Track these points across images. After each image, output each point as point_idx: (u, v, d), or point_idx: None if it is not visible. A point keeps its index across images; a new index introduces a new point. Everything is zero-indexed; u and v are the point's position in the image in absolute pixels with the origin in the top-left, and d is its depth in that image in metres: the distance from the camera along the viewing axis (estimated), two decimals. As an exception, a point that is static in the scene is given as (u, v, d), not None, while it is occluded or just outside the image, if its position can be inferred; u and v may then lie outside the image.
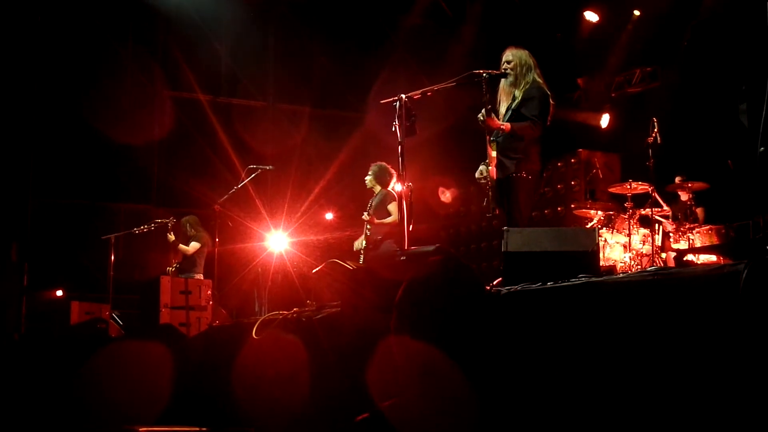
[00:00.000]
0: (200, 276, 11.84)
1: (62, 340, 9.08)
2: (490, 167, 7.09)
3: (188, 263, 12.11)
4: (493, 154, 7.09)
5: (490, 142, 7.12)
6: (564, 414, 4.18)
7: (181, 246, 12.04)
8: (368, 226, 9.98)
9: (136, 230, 12.02)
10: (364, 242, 10.00)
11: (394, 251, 5.48)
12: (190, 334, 9.73)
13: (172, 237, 11.90)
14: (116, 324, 11.18)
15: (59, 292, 14.14)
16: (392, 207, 10.02)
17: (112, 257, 11.82)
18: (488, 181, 7.14)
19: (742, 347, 3.52)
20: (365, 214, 10.06)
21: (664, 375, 3.79)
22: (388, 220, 10.02)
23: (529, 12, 13.89)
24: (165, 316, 10.39)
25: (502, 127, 7.13)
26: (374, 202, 10.24)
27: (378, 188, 10.33)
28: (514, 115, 7.26)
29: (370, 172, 10.43)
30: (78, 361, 7.75)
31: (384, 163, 10.37)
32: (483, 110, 6.99)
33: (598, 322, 4.20)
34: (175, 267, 12.01)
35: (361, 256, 9.89)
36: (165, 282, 10.71)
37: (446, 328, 4.57)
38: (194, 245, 12.07)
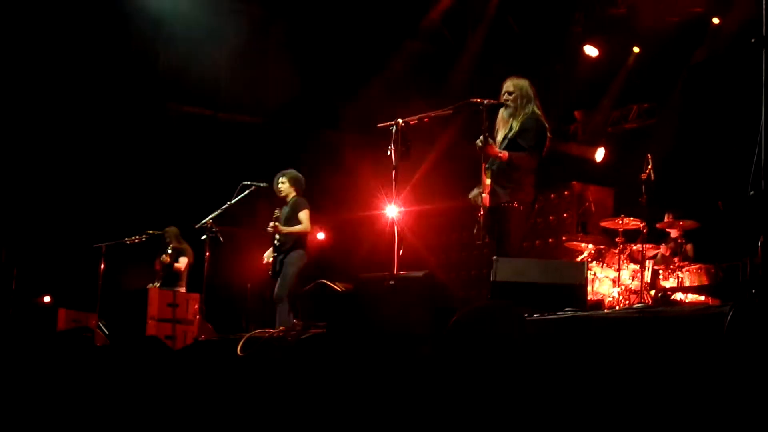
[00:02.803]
0: (183, 290, 11.75)
1: (45, 347, 9.04)
2: (483, 194, 7.07)
3: (173, 277, 11.95)
4: (488, 181, 7.06)
5: (486, 169, 7.10)
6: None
7: (176, 264, 11.90)
8: (277, 236, 9.71)
9: (127, 240, 11.97)
10: (273, 252, 9.79)
11: (383, 275, 5.48)
12: (175, 347, 9.70)
13: (167, 259, 11.78)
14: (102, 333, 11.13)
15: (47, 299, 14.11)
16: (303, 215, 9.79)
17: (102, 266, 11.78)
18: (480, 208, 7.13)
19: (725, 386, 3.53)
20: (271, 224, 9.73)
21: (648, 411, 3.80)
22: (297, 228, 9.76)
23: (529, 43, 13.95)
24: (151, 328, 10.37)
25: (500, 155, 7.12)
26: (286, 210, 9.94)
27: (292, 195, 10.04)
28: (511, 144, 7.26)
29: (284, 179, 10.10)
30: (61, 369, 7.72)
31: (295, 171, 10.18)
32: (481, 137, 6.98)
33: (583, 356, 4.21)
34: (158, 282, 11.86)
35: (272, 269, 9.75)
36: (153, 294, 10.69)
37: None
38: (183, 260, 11.96)
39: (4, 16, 13.30)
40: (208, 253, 9.79)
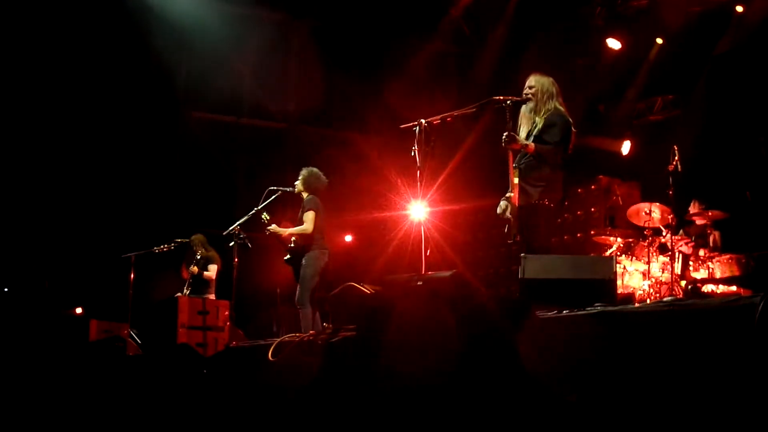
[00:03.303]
0: (213, 296, 11.74)
1: (78, 358, 9.10)
2: (512, 194, 7.03)
3: (202, 284, 11.85)
4: (516, 180, 7.03)
5: (513, 168, 7.07)
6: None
7: (206, 273, 11.85)
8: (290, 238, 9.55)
9: (155, 249, 12.01)
10: (288, 255, 9.61)
11: (411, 276, 5.46)
12: (206, 354, 9.72)
13: (196, 270, 11.76)
14: (134, 343, 11.18)
15: (78, 310, 14.18)
16: (308, 215, 9.52)
17: (132, 275, 11.83)
18: (509, 210, 7.10)
19: (756, 378, 3.51)
20: (273, 225, 9.56)
21: (681, 404, 3.78)
22: (296, 229, 9.54)
23: (551, 38, 13.89)
24: (182, 336, 10.40)
25: (526, 145, 7.07)
26: (301, 210, 9.73)
27: (305, 194, 9.77)
28: (535, 140, 7.20)
29: (300, 176, 9.85)
30: (94, 379, 7.77)
31: (315, 169, 9.91)
32: (506, 133, 6.96)
33: (614, 351, 4.18)
34: (188, 290, 11.83)
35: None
36: (183, 302, 10.72)
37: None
38: (213, 268, 11.91)
39: (34, 32, 13.44)
40: (236, 260, 9.80)
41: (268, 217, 9.57)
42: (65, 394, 7.83)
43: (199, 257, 11.76)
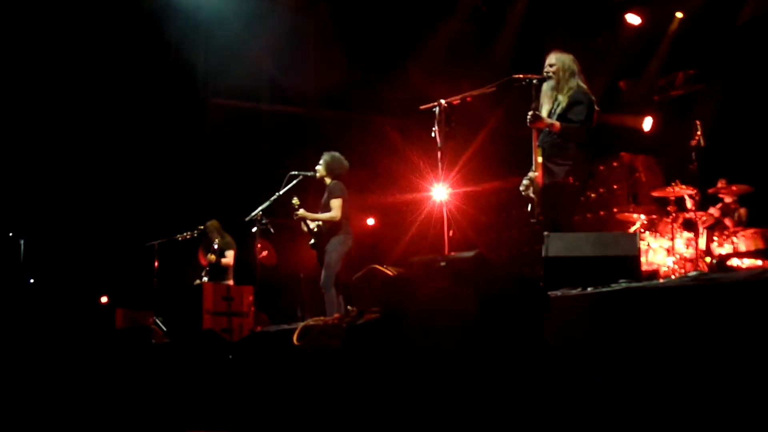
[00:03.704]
0: (232, 282, 11.73)
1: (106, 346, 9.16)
2: (536, 173, 6.98)
3: (220, 271, 11.85)
4: (539, 159, 6.97)
5: (537, 147, 7.01)
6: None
7: (223, 260, 11.85)
8: (310, 223, 9.48)
9: (179, 236, 12.04)
10: (313, 239, 9.57)
11: (434, 257, 5.44)
12: (232, 339, 9.76)
13: (213, 258, 11.75)
14: (159, 330, 11.24)
15: (104, 299, 14.28)
16: (335, 202, 9.45)
17: (156, 263, 11.88)
18: (532, 189, 7.05)
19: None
20: (300, 210, 9.49)
21: (709, 379, 3.75)
22: (325, 216, 9.47)
23: (570, 15, 13.80)
24: (207, 322, 10.44)
25: (552, 123, 7.01)
26: (325, 196, 9.66)
27: (328, 180, 9.69)
28: (560, 119, 7.15)
29: (321, 161, 9.76)
30: (122, 367, 7.83)
31: (337, 154, 9.83)
32: (531, 112, 6.91)
33: (639, 328, 4.16)
34: (206, 277, 11.82)
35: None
36: (207, 288, 10.76)
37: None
38: (230, 254, 11.90)
39: (55, 23, 13.51)
40: (259, 245, 9.81)
41: (298, 202, 9.56)
42: (94, 383, 7.89)
43: (216, 245, 11.75)
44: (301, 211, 9.51)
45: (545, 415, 4.35)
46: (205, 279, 11.70)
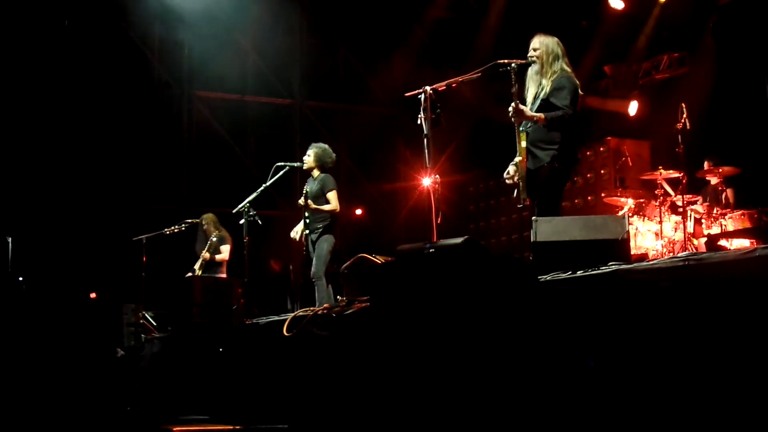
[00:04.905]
0: (224, 275, 11.67)
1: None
2: (520, 158, 6.91)
3: (214, 264, 11.74)
4: (523, 144, 6.90)
5: (520, 132, 6.94)
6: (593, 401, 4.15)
7: (217, 257, 11.76)
8: (307, 214, 9.27)
9: (166, 231, 11.98)
10: (302, 231, 9.40)
11: (422, 244, 5.41)
12: (222, 332, 9.74)
13: (208, 256, 11.65)
14: (149, 324, 11.20)
15: (93, 295, 14.21)
16: (332, 195, 9.40)
17: (144, 258, 11.82)
18: (517, 175, 6.99)
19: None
20: (302, 199, 9.29)
21: (700, 357, 3.75)
22: (327, 207, 9.37)
23: (553, 1, 13.78)
24: (197, 315, 10.39)
25: (536, 117, 6.95)
26: (313, 187, 9.50)
27: (317, 172, 9.61)
28: (544, 104, 7.07)
29: (310, 152, 9.66)
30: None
31: (324, 145, 9.74)
32: (512, 106, 6.84)
33: (630, 309, 4.16)
34: (200, 270, 11.73)
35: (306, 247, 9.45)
36: (196, 281, 10.71)
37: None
38: (226, 248, 11.80)
39: (41, 19, 13.47)
40: (247, 238, 9.76)
41: (308, 189, 9.41)
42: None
43: (214, 239, 11.65)
44: (309, 202, 9.39)
45: (537, 400, 4.35)
46: (199, 272, 11.65)
